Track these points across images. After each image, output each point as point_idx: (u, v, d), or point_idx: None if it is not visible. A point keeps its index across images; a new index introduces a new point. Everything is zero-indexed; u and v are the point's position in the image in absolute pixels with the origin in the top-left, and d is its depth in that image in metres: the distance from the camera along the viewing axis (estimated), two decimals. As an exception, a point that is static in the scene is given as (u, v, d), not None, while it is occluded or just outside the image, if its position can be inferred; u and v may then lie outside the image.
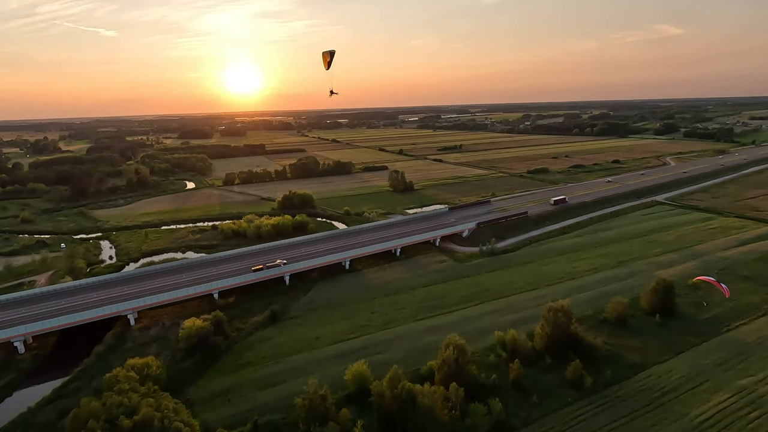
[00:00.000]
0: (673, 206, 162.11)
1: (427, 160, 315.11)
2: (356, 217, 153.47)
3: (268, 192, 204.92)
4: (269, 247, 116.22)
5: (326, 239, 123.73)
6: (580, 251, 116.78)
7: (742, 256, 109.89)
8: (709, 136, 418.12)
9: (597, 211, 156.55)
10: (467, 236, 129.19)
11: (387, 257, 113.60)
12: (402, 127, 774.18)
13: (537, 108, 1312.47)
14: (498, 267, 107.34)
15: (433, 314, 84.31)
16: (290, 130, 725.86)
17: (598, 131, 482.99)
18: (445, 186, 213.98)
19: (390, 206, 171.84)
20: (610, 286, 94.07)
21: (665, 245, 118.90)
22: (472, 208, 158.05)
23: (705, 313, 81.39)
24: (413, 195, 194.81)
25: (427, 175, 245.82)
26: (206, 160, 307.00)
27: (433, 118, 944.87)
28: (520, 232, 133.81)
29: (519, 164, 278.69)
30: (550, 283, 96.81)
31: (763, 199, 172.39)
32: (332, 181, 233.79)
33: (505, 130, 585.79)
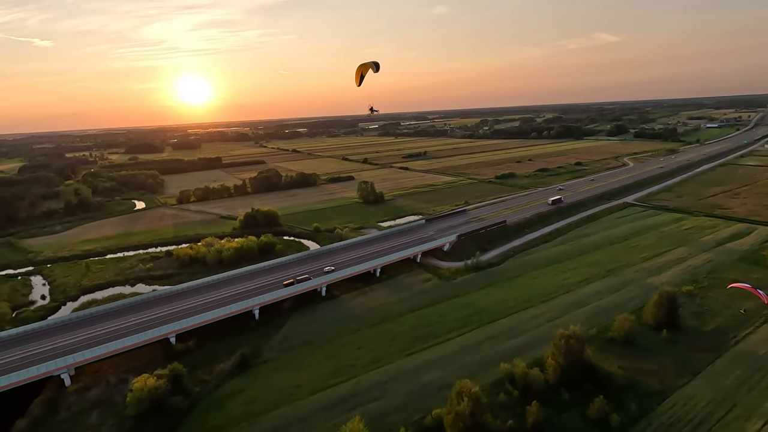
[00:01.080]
0: (643, 207, 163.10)
1: (393, 169, 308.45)
2: (328, 234, 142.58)
3: (227, 209, 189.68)
4: (234, 275, 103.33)
5: (297, 262, 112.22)
6: (566, 261, 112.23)
7: (723, 257, 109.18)
8: (656, 136, 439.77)
9: (572, 216, 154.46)
10: (448, 250, 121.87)
11: (366, 279, 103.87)
12: (363, 135, 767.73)
13: (492, 113, 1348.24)
14: (487, 283, 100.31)
15: (427, 345, 75.41)
16: (247, 141, 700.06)
17: (555, 134, 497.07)
18: (416, 195, 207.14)
19: (362, 220, 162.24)
20: (607, 299, 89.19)
21: (648, 250, 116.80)
22: (449, 218, 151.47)
23: (708, 324, 77.64)
24: (385, 206, 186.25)
25: (396, 184, 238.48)
26: (157, 176, 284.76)
27: (393, 125, 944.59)
28: (502, 243, 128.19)
29: (486, 170, 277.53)
30: (545, 299, 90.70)
31: (723, 196, 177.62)
32: (297, 195, 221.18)
33: (465, 136, 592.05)
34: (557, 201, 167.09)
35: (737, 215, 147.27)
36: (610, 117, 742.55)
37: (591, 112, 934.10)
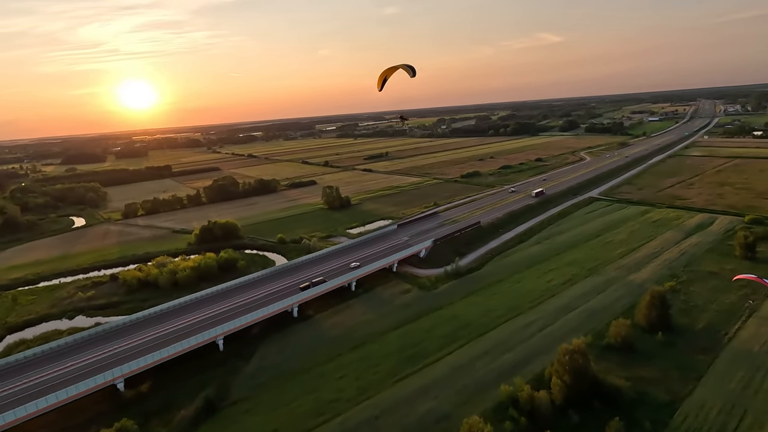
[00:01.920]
0: (609, 201, 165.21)
1: (356, 171, 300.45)
2: (294, 246, 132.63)
3: (181, 222, 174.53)
4: (192, 300, 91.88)
5: (264, 280, 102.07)
6: (545, 261, 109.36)
7: (695, 249, 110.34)
8: (606, 130, 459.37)
9: (543, 213, 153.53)
10: (425, 256, 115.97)
11: (341, 294, 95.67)
12: (321, 137, 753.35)
13: (448, 112, 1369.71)
14: (470, 291, 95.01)
15: (416, 368, 68.55)
16: (199, 147, 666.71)
17: (511, 131, 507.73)
18: (383, 198, 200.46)
19: (330, 227, 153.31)
20: (594, 301, 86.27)
21: (623, 245, 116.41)
22: (421, 222, 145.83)
23: (698, 322, 76.07)
24: (352, 211, 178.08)
25: (361, 188, 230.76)
26: (99, 188, 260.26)
27: (351, 126, 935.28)
28: (479, 245, 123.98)
29: (450, 169, 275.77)
30: (532, 305, 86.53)
31: (678, 187, 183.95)
32: (257, 203, 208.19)
33: (425, 135, 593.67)
34: (540, 193, 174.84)
35: (696, 205, 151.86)
36: (560, 113, 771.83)
37: (542, 109, 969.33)
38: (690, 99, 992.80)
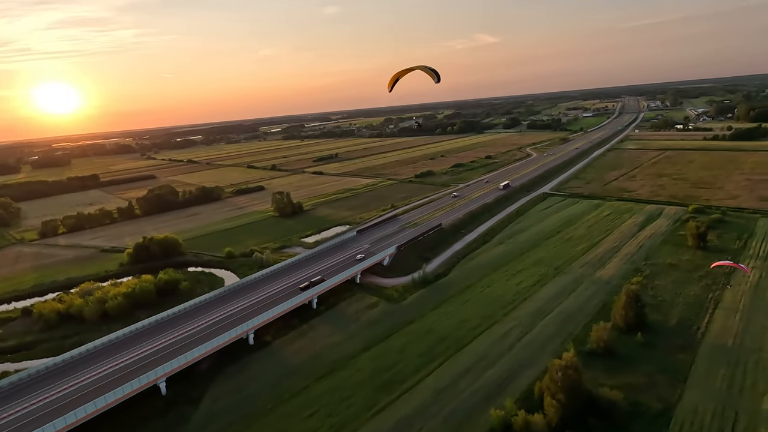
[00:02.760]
0: (562, 197, 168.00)
1: (306, 174, 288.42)
2: (245, 260, 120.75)
3: (111, 239, 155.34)
4: (126, 335, 78.67)
5: (213, 304, 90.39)
6: (512, 261, 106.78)
7: (650, 241, 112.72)
8: (546, 126, 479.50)
9: (501, 212, 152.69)
10: (389, 264, 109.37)
11: (302, 314, 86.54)
12: (266, 139, 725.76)
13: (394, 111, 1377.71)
14: (440, 300, 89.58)
15: (394, 395, 61.57)
16: (131, 154, 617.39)
17: (458, 129, 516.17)
18: (338, 202, 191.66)
19: (283, 237, 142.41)
20: (567, 302, 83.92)
21: (583, 241, 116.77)
22: (381, 227, 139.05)
23: (670, 318, 75.60)
24: (305, 218, 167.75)
25: (313, 192, 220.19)
26: (10, 204, 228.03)
27: (297, 127, 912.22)
28: (443, 249, 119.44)
29: (403, 169, 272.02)
30: (506, 311, 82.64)
31: (622, 179, 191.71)
32: (199, 213, 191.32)
33: (373, 135, 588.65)
34: (507, 186, 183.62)
35: (642, 197, 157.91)
36: (502, 111, 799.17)
37: (484, 107, 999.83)
38: (615, 96, 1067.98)
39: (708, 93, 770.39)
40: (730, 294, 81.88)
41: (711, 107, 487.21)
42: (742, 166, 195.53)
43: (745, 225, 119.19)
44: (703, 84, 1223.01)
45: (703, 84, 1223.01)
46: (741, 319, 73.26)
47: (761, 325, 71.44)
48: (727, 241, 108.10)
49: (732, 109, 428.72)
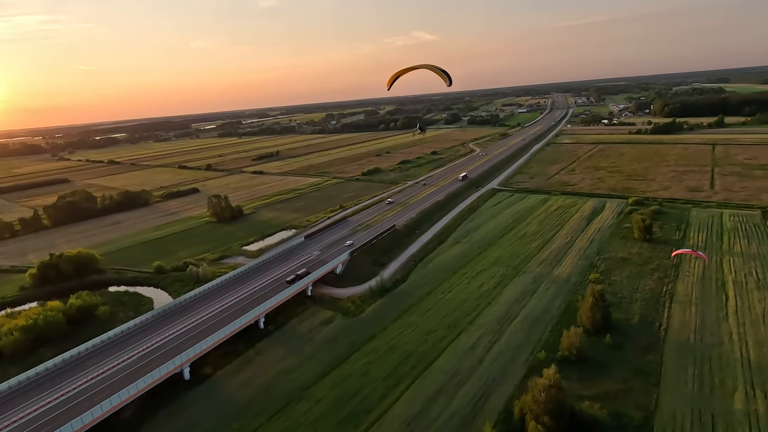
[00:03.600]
0: (510, 192, 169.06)
1: (246, 174, 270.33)
2: (178, 275, 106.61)
3: (10, 257, 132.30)
4: (23, 382, 63.89)
5: (138, 333, 77.12)
6: (470, 263, 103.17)
7: (599, 235, 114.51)
8: (486, 122, 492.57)
9: (453, 209, 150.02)
10: (342, 272, 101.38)
11: (248, 336, 76.24)
12: (199, 137, 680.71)
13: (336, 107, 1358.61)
14: (401, 309, 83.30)
15: (361, 430, 54.17)
16: (41, 155, 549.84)
17: (401, 125, 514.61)
18: (281, 204, 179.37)
19: (221, 245, 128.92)
20: (532, 304, 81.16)
21: (537, 237, 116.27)
22: (330, 231, 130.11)
23: (632, 315, 75.05)
24: (246, 223, 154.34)
25: (253, 193, 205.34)
26: None
27: (233, 124, 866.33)
28: (398, 252, 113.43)
29: (349, 166, 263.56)
30: (471, 318, 78.16)
31: (563, 173, 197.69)
32: (123, 222, 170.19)
33: (315, 131, 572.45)
34: (465, 177, 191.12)
35: (584, 190, 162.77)
36: (441, 107, 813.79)
37: (424, 103, 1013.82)
38: (545, 92, 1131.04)
39: (625, 90, 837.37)
40: (682, 286, 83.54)
41: (631, 103, 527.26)
42: (667, 159, 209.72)
43: (680, 215, 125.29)
44: (619, 82, 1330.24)
45: (619, 82, 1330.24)
46: (696, 312, 74.29)
47: (715, 316, 72.77)
48: (669, 232, 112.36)
49: (648, 105, 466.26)
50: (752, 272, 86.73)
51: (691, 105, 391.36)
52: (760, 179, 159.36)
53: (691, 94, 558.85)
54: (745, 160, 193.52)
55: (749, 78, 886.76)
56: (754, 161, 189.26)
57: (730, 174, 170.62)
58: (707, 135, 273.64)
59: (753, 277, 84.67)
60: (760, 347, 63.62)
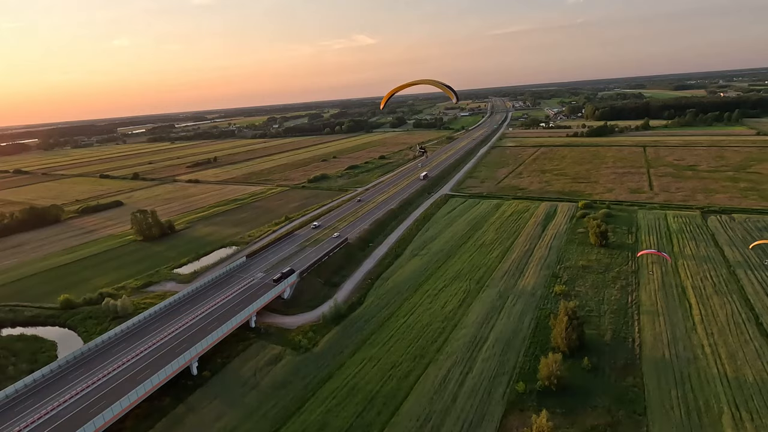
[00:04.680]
0: (463, 198, 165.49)
1: (179, 183, 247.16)
2: (92, 309, 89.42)
3: None
4: None
5: (32, 396, 61.09)
6: (431, 278, 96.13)
7: (557, 242, 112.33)
8: (431, 125, 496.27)
9: (408, 218, 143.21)
10: (290, 296, 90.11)
11: (176, 389, 63.12)
12: (127, 142, 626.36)
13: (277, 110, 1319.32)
14: (360, 340, 73.97)
15: (320, 506, 44.16)
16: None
17: (347, 128, 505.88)
18: (220, 217, 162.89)
19: (147, 269, 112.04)
20: (501, 325, 75.20)
21: (496, 247, 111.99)
22: (276, 247, 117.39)
23: (604, 332, 71.26)
24: (178, 241, 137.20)
25: (188, 205, 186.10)
26: None
27: (165, 128, 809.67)
28: (353, 269, 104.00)
29: (293, 173, 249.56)
30: (439, 345, 70.59)
31: (512, 177, 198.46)
32: (26, 244, 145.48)
33: (257, 136, 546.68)
34: (426, 176, 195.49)
35: (534, 194, 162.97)
36: (386, 110, 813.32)
37: (369, 106, 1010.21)
38: (484, 97, 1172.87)
39: (557, 95, 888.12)
40: (645, 295, 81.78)
41: (564, 107, 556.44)
42: (606, 161, 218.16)
43: (629, 218, 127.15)
44: (550, 87, 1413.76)
45: (550, 87, 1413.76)
46: (665, 324, 72.07)
47: (683, 327, 70.87)
48: (621, 236, 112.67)
49: (580, 109, 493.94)
50: (707, 276, 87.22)
51: (619, 109, 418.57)
52: (692, 180, 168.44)
53: (616, 98, 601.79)
54: (674, 161, 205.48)
55: (662, 85, 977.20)
56: (683, 162, 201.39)
57: (664, 175, 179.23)
58: (637, 137, 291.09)
59: (709, 281, 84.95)
60: (734, 360, 61.70)
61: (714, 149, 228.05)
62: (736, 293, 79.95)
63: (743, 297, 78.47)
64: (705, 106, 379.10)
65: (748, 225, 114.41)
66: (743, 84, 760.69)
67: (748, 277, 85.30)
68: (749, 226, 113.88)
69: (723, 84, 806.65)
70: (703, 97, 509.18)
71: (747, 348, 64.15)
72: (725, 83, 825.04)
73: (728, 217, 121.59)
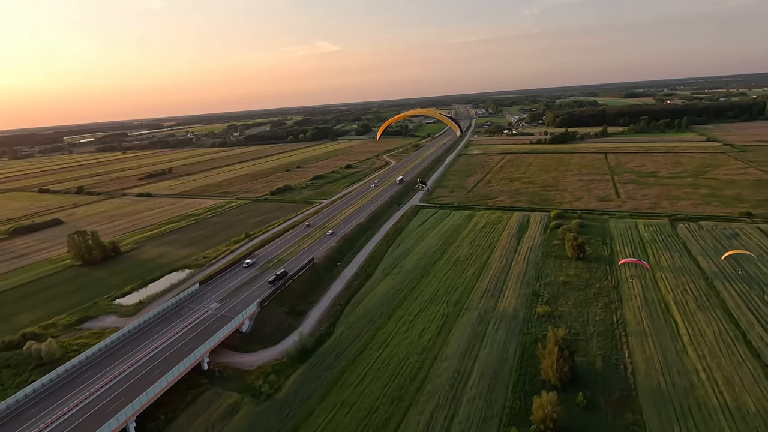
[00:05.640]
0: (434, 209, 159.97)
1: (129, 198, 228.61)
2: (9, 357, 75.59)
3: None
4: None
5: None
6: (405, 301, 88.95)
7: (533, 256, 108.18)
8: (397, 133, 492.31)
9: (377, 232, 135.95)
10: (249, 329, 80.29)
11: (109, 457, 52.24)
12: (73, 152, 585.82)
13: (238, 117, 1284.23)
14: (329, 380, 65.42)
15: None
16: None
17: (311, 136, 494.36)
18: (173, 235, 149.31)
19: (84, 300, 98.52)
20: (484, 355, 68.78)
21: (471, 262, 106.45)
22: (233, 272, 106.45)
23: (594, 357, 66.31)
24: (124, 264, 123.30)
25: (136, 223, 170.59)
26: None
27: (117, 136, 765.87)
28: (319, 293, 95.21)
29: (255, 184, 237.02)
30: (419, 383, 63.20)
31: (481, 185, 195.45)
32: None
33: (216, 144, 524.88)
34: (401, 181, 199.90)
35: (505, 204, 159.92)
36: (351, 117, 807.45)
37: (333, 113, 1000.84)
38: (447, 104, 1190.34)
39: (517, 102, 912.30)
40: (630, 313, 78.07)
41: (525, 114, 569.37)
42: (571, 168, 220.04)
43: (601, 228, 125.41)
44: (510, 95, 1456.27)
45: (510, 95, 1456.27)
46: (655, 346, 68.08)
47: (674, 349, 67.06)
48: (597, 248, 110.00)
49: (541, 116, 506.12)
50: (687, 289, 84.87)
51: (578, 116, 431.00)
52: (654, 186, 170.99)
53: (573, 106, 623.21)
54: (635, 167, 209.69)
55: (613, 92, 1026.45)
56: (643, 168, 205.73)
57: (628, 182, 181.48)
58: (597, 144, 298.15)
59: (690, 296, 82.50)
60: (731, 387, 57.95)
61: (670, 155, 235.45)
62: (719, 308, 77.61)
63: (727, 312, 76.12)
64: (656, 113, 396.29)
65: (716, 233, 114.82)
66: (686, 92, 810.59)
67: (727, 290, 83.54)
68: (717, 233, 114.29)
69: (668, 92, 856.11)
70: (653, 104, 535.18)
71: (742, 371, 60.78)
72: (669, 91, 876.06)
73: (696, 225, 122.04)
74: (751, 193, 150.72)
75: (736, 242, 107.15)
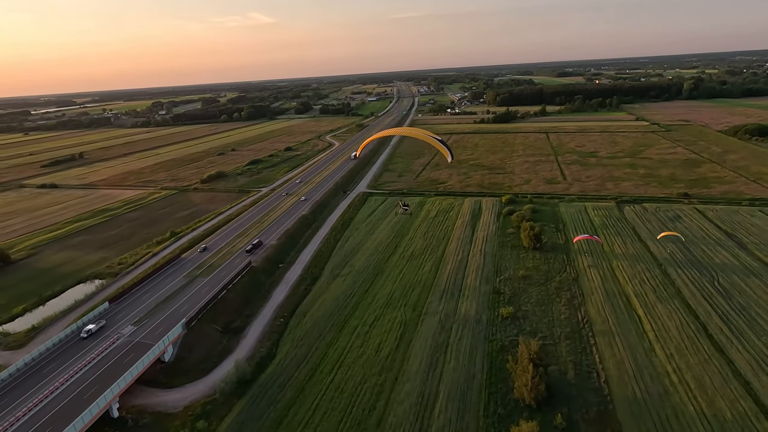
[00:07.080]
0: (383, 196, 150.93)
1: (27, 190, 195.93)
2: None
3: None
4: None
5: None
6: (358, 308, 79.80)
7: (489, 247, 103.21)
8: (339, 111, 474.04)
9: (323, 225, 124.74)
10: (173, 358, 67.14)
11: None
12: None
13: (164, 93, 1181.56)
14: (273, 419, 55.05)
15: None
16: None
17: (246, 116, 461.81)
18: (81, 236, 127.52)
19: (-43, 331, 78.68)
20: (449, 372, 61.64)
21: (427, 257, 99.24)
22: (154, 282, 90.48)
23: (566, 367, 61.51)
24: (15, 277, 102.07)
25: (35, 222, 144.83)
26: None
27: (17, 115, 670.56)
28: (258, 304, 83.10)
29: (183, 171, 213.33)
30: (378, 414, 54.80)
31: (430, 169, 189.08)
32: None
33: (138, 124, 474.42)
34: (356, 157, 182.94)
35: (455, 188, 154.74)
36: (289, 95, 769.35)
37: (270, 90, 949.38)
38: (389, 81, 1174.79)
39: (457, 80, 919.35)
40: (593, 310, 74.86)
41: (467, 93, 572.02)
42: (516, 149, 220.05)
43: (552, 213, 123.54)
44: (450, 73, 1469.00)
45: (450, 73, 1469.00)
46: (623, 346, 64.88)
47: (641, 349, 64.21)
48: (551, 235, 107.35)
49: (482, 95, 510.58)
50: (645, 279, 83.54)
51: (517, 95, 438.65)
52: (597, 167, 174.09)
53: (511, 84, 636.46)
54: (576, 147, 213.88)
55: (546, 72, 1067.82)
56: (584, 149, 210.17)
57: (571, 163, 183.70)
58: (538, 123, 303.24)
59: (648, 285, 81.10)
60: (703, 390, 55.53)
61: (606, 135, 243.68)
62: (677, 298, 76.63)
63: (684, 303, 75.18)
64: (589, 92, 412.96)
65: (660, 215, 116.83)
66: (611, 72, 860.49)
67: (681, 278, 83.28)
68: (661, 215, 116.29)
69: (595, 72, 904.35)
70: (585, 84, 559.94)
71: (710, 370, 58.83)
72: (596, 71, 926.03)
73: (641, 207, 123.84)
74: (684, 173, 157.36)
75: (680, 225, 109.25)
